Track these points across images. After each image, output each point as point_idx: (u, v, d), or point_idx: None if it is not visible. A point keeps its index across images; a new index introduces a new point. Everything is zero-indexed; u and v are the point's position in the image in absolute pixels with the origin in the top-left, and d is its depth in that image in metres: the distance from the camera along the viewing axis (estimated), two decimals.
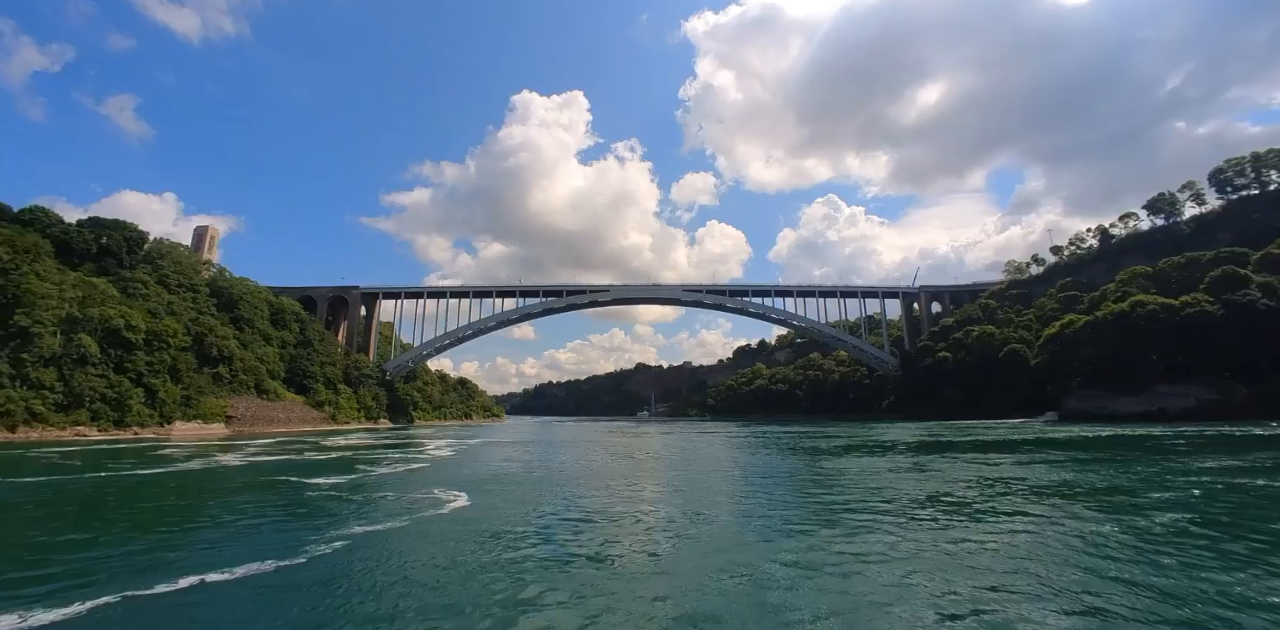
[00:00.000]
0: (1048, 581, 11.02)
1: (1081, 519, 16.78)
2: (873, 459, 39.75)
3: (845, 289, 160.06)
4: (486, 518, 18.90)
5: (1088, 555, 12.94)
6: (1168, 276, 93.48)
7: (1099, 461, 33.68)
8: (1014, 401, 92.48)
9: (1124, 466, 30.71)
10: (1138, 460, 33.33)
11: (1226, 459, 31.20)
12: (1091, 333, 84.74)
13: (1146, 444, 43.21)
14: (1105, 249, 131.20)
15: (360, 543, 15.14)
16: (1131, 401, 73.05)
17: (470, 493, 24.04)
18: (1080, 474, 27.94)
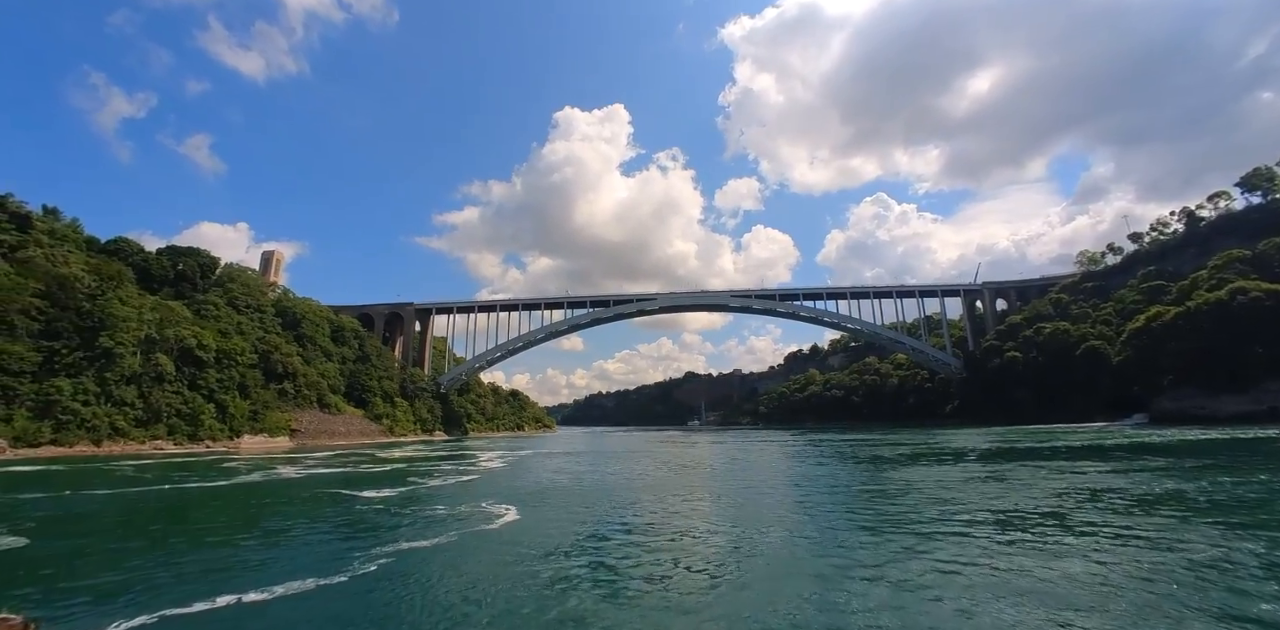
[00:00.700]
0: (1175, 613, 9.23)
1: (1206, 538, 14.38)
2: (944, 468, 36.94)
3: (901, 289, 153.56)
4: (536, 533, 18.00)
5: (1219, 580, 11.00)
6: (1271, 259, 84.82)
7: (1211, 468, 29.96)
8: (1095, 403, 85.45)
9: (1246, 474, 27.00)
10: (1261, 467, 29.41)
11: None
12: (1184, 325, 77.41)
13: (1264, 448, 38.45)
14: (1193, 233, 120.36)
15: (404, 560, 14.50)
16: (1235, 400, 65.80)
17: (520, 506, 23.29)
18: (1192, 483, 24.52)
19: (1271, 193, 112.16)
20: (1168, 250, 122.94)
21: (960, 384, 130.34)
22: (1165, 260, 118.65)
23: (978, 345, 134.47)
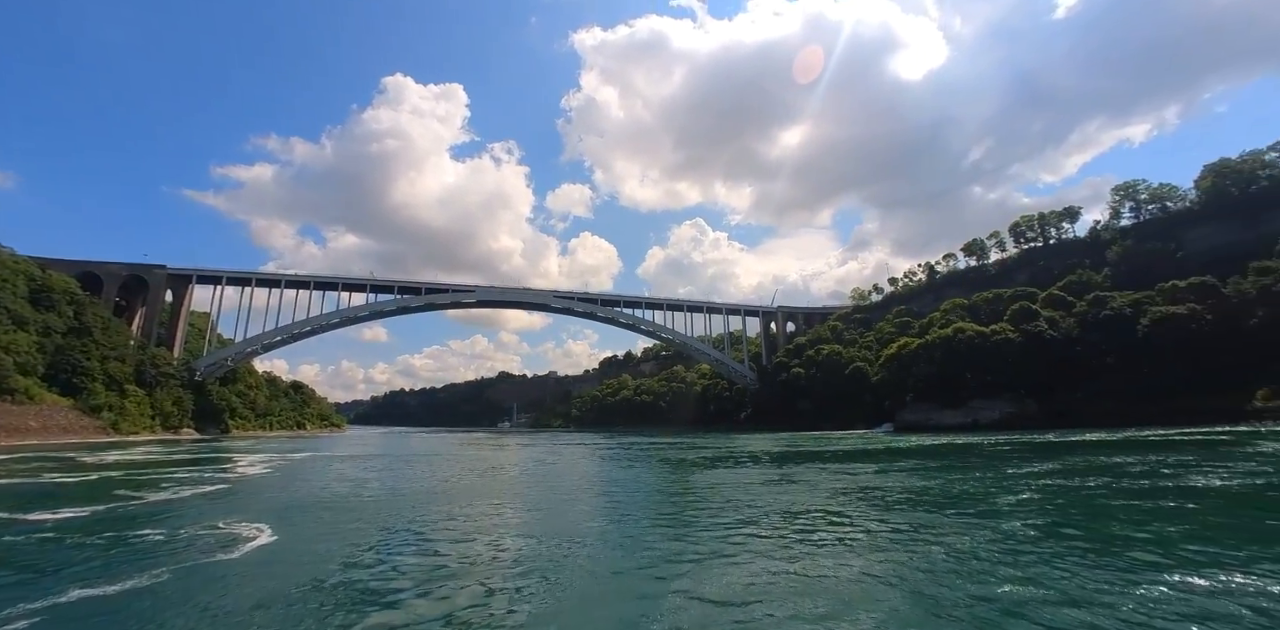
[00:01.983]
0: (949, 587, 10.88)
1: (955, 527, 17.23)
2: (743, 470, 39.33)
3: (711, 305, 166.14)
4: (294, 560, 13.95)
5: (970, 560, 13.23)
6: (980, 308, 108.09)
7: (945, 468, 35.80)
8: (858, 414, 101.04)
9: (967, 472, 32.99)
10: (975, 467, 35.91)
11: (1041, 463, 34.68)
12: (923, 354, 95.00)
13: (974, 451, 47.56)
14: (931, 283, 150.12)
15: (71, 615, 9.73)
16: (953, 414, 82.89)
17: (279, 524, 18.44)
18: (935, 480, 29.38)
19: (982, 258, 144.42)
20: (914, 294, 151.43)
21: (754, 394, 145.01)
22: (912, 301, 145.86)
23: (770, 360, 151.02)
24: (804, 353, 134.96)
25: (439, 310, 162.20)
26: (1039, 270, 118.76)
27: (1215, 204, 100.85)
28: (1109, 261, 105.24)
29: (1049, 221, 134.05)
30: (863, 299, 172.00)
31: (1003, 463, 37.28)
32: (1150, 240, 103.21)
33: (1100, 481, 26.48)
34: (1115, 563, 12.81)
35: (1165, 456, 34.93)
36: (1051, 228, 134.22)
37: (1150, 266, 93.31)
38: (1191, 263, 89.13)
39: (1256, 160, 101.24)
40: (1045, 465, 34.09)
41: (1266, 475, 25.99)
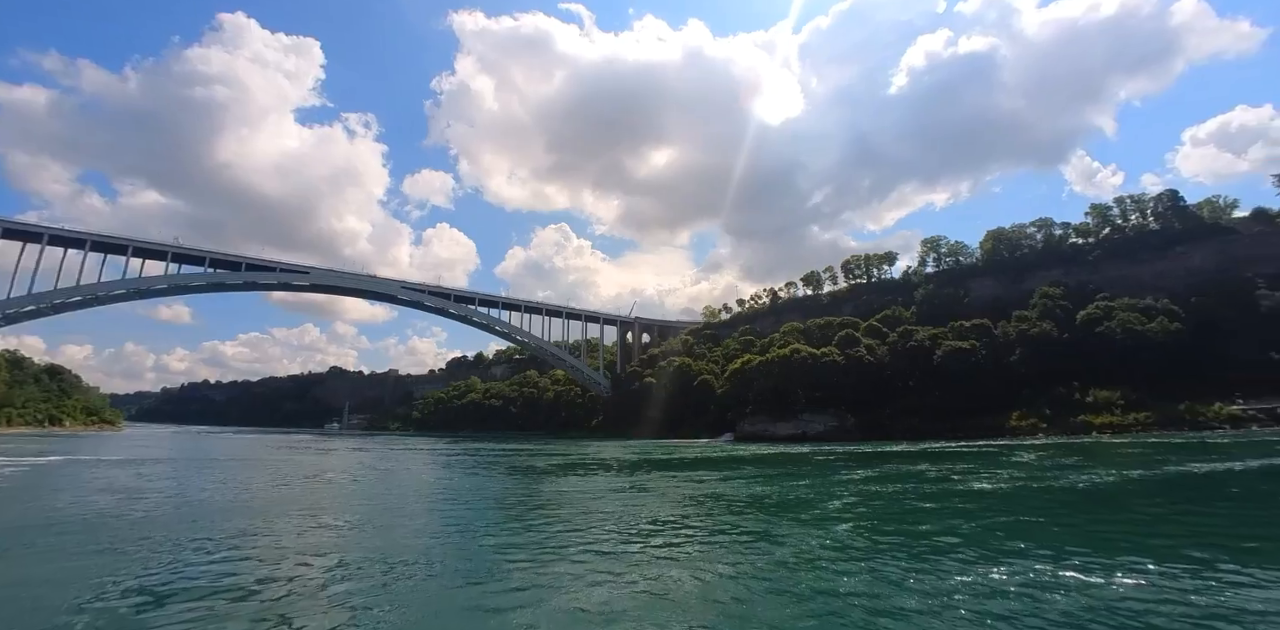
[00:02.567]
0: None
1: (792, 530, 18.74)
2: (595, 478, 38.91)
3: (572, 311, 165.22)
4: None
5: (811, 562, 14.30)
6: (813, 332, 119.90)
7: (782, 476, 38.42)
8: (703, 424, 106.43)
9: (800, 479, 35.89)
10: (807, 474, 39.09)
11: (861, 471, 38.74)
12: (762, 371, 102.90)
13: (805, 460, 51.85)
14: (774, 307, 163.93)
15: None
16: (786, 426, 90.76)
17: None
18: (773, 488, 31.55)
19: (818, 288, 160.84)
20: (758, 315, 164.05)
21: (607, 401, 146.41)
22: (756, 322, 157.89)
23: (624, 369, 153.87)
24: (656, 363, 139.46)
25: (262, 291, 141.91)
26: (862, 303, 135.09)
27: (993, 262, 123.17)
28: (916, 301, 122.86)
29: (873, 263, 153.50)
30: (713, 316, 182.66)
31: (830, 471, 41.06)
32: (946, 286, 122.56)
33: (908, 486, 30.22)
34: (929, 555, 14.87)
35: (954, 465, 40.87)
36: (874, 268, 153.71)
37: (946, 307, 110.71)
38: (974, 307, 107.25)
39: (1021, 232, 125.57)
40: (864, 472, 38.12)
41: (1023, 479, 31.37)
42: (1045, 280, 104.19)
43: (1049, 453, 45.18)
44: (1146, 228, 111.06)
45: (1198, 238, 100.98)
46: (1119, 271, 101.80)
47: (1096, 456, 41.63)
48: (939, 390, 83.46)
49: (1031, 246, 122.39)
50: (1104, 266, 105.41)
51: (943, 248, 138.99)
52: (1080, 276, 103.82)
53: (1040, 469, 36.07)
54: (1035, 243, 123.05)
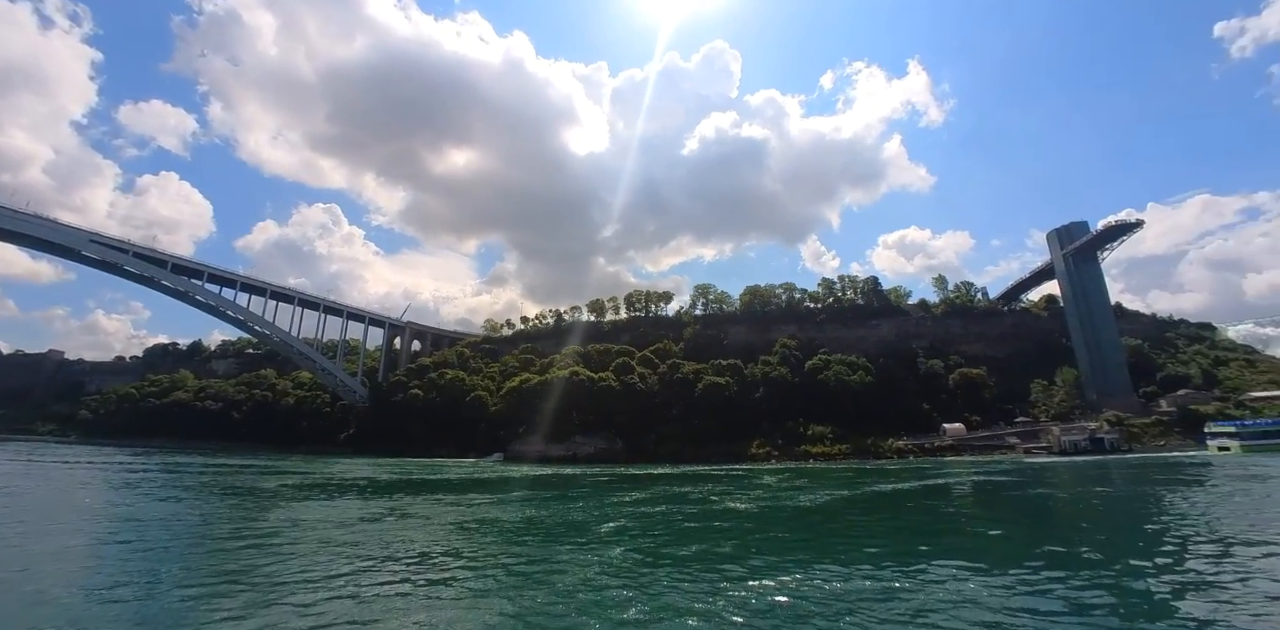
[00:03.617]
0: None
1: (569, 554, 18.86)
2: (343, 502, 33.73)
3: (331, 304, 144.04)
4: None
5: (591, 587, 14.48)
6: (592, 357, 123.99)
7: (558, 498, 37.93)
8: (472, 442, 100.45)
9: (575, 501, 35.94)
10: (582, 496, 39.30)
11: (632, 493, 40.43)
12: (541, 391, 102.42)
13: (577, 481, 52.18)
14: (558, 328, 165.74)
15: None
16: (559, 447, 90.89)
17: None
18: (548, 510, 31.21)
19: (601, 316, 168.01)
20: (541, 335, 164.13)
21: (362, 413, 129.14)
22: (539, 341, 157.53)
23: (387, 378, 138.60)
24: (427, 375, 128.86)
25: None
26: (639, 335, 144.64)
27: (748, 313, 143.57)
28: (685, 337, 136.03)
29: (653, 299, 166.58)
30: (495, 331, 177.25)
31: (603, 492, 41.79)
32: (710, 328, 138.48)
33: (675, 507, 32.24)
34: (703, 573, 16.00)
35: (713, 486, 45.06)
36: (653, 304, 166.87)
37: (708, 347, 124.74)
38: (731, 349, 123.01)
39: (771, 291, 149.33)
40: (636, 494, 39.67)
41: (769, 499, 35.93)
42: (785, 333, 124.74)
43: (784, 476, 52.91)
44: (856, 302, 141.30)
45: (886, 315, 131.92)
46: (836, 333, 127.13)
47: (818, 479, 50.03)
48: (698, 419, 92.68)
49: (777, 304, 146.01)
50: (827, 327, 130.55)
51: (711, 295, 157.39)
52: (810, 333, 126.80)
53: (780, 490, 41.78)
54: (780, 301, 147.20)
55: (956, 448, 75.63)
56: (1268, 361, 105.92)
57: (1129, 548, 20.47)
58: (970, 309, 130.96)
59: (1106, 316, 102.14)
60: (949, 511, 31.94)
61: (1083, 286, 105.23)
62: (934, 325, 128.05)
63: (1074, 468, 51.73)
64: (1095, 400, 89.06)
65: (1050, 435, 69.64)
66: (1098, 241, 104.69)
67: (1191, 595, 13.57)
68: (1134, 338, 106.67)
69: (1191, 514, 25.97)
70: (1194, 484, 35.75)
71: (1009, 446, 72.95)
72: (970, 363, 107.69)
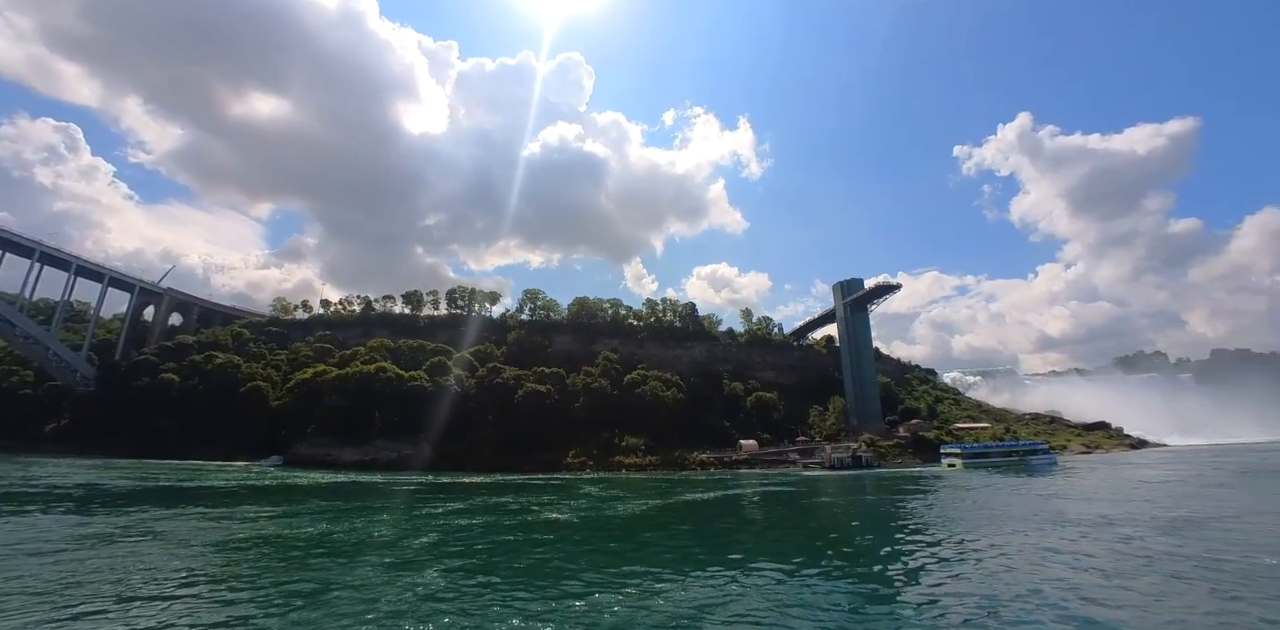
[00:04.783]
0: None
1: (371, 579, 16.91)
2: (50, 519, 26.23)
3: (55, 252, 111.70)
4: None
5: None
6: (403, 354, 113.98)
7: (360, 510, 33.97)
8: (242, 442, 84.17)
9: (379, 513, 32.68)
10: (388, 508, 35.73)
11: (446, 503, 37.90)
12: (339, 386, 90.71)
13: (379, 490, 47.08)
14: (365, 317, 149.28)
15: None
16: (354, 451, 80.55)
17: None
18: (347, 524, 27.97)
19: (418, 309, 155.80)
20: (344, 323, 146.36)
21: (81, 399, 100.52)
22: (340, 330, 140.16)
23: (129, 356, 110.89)
24: (188, 356, 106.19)
25: None
26: (459, 334, 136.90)
27: (575, 323, 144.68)
28: (508, 342, 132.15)
29: (478, 298, 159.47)
30: (286, 312, 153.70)
31: (412, 503, 38.36)
32: (536, 334, 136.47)
33: (495, 519, 30.91)
34: (535, 590, 15.53)
35: (534, 497, 43.95)
36: (478, 304, 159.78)
37: (532, 353, 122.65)
38: (555, 358, 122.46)
39: (599, 304, 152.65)
40: (451, 505, 37.12)
41: (591, 508, 36.15)
42: (608, 346, 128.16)
43: (604, 486, 53.69)
44: (674, 324, 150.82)
45: (699, 339, 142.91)
46: (655, 351, 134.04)
47: (634, 489, 51.69)
48: (516, 426, 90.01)
49: (603, 318, 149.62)
50: (647, 344, 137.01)
51: (540, 301, 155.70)
52: (631, 348, 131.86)
53: (601, 499, 42.31)
54: (606, 315, 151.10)
55: (749, 461, 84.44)
56: (968, 401, 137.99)
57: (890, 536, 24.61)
58: (768, 341, 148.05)
59: (869, 358, 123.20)
60: (757, 517, 35.17)
61: (854, 331, 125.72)
62: (738, 352, 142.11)
63: (840, 480, 60.96)
64: (856, 425, 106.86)
65: (824, 453, 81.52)
66: (869, 296, 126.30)
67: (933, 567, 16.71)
68: (885, 376, 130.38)
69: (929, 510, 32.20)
70: (930, 491, 44.49)
71: (791, 461, 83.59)
72: (765, 387, 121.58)
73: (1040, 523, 26.55)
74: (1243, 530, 23.03)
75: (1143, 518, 26.87)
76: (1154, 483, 42.11)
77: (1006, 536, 23.12)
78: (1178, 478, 44.71)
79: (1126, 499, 33.22)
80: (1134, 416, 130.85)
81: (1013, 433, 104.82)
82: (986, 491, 41.88)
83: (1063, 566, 17.79)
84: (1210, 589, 14.43)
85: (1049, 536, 23.08)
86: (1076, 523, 26.28)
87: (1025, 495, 38.01)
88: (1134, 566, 17.38)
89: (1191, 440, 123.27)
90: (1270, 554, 18.25)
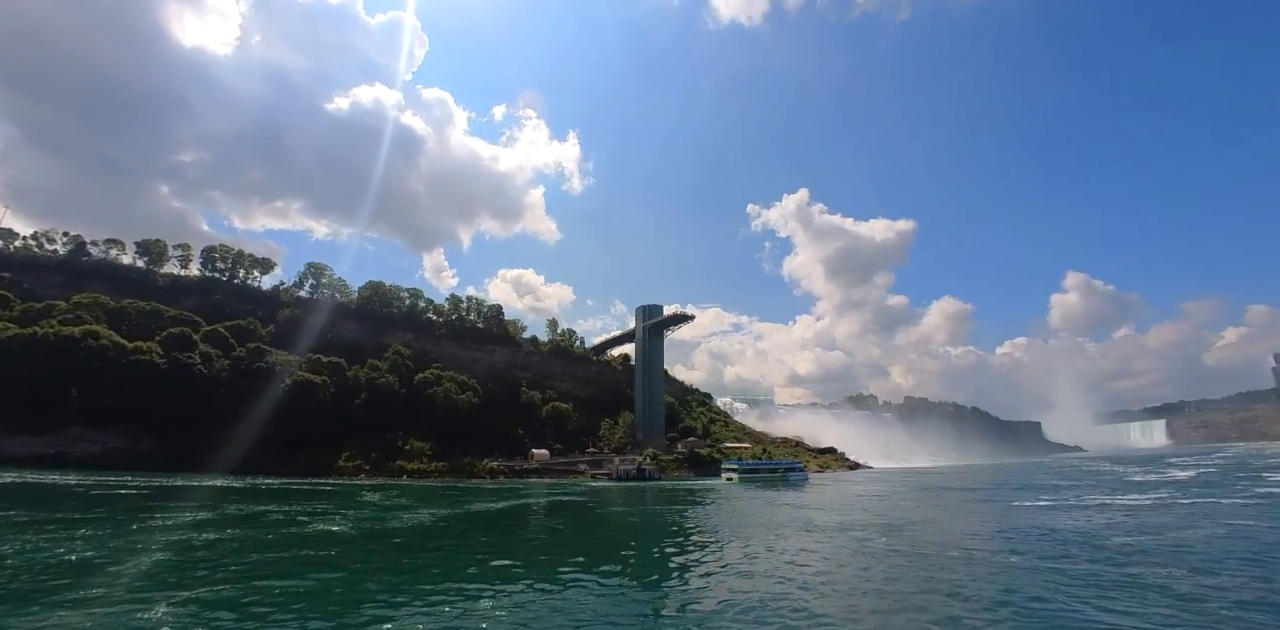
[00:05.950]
0: None
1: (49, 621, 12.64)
2: None
3: None
4: None
5: None
6: (127, 317, 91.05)
7: (37, 524, 26.43)
8: None
9: (73, 527, 25.80)
10: (88, 520, 28.41)
11: (181, 513, 31.46)
12: (20, 349, 68.47)
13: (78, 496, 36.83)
14: (73, 263, 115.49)
15: None
16: (30, 441, 60.09)
17: None
18: (16, 545, 21.12)
19: (157, 264, 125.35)
20: (40, 266, 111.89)
21: None
22: (28, 274, 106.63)
23: None
24: None
25: None
26: (213, 303, 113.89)
27: (365, 310, 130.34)
28: (278, 320, 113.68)
29: (245, 262, 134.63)
30: None
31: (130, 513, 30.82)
32: (316, 316, 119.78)
33: (252, 532, 26.42)
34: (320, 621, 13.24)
35: (303, 505, 38.29)
36: (244, 270, 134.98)
37: (309, 337, 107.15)
38: (337, 345, 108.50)
39: (396, 292, 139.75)
40: (187, 515, 30.93)
41: (375, 519, 33.00)
42: (401, 340, 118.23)
43: (387, 494, 48.94)
44: (477, 325, 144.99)
45: (502, 343, 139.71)
46: (453, 350, 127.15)
47: (422, 498, 48.02)
48: (278, 422, 77.13)
49: (399, 307, 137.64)
50: (445, 343, 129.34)
51: (325, 278, 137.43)
52: (427, 345, 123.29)
53: (386, 509, 38.75)
54: (403, 306, 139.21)
55: (540, 471, 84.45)
56: (735, 424, 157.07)
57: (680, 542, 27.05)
58: (570, 353, 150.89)
59: (660, 378, 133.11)
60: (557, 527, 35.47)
61: (650, 353, 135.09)
62: (539, 360, 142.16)
63: (626, 490, 64.44)
64: (642, 439, 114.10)
65: (612, 464, 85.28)
66: (667, 322, 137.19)
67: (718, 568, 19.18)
68: (670, 396, 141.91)
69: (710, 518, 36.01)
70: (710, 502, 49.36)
71: (580, 472, 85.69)
72: (562, 398, 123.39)
73: (797, 528, 31.57)
74: (930, 531, 30.24)
75: (867, 523, 33.64)
76: (868, 496, 52.81)
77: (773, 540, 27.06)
78: (883, 493, 56.70)
79: (853, 509, 41.15)
80: (853, 444, 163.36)
81: (768, 453, 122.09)
82: (756, 503, 48.22)
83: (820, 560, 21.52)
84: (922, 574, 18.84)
85: (805, 538, 27.59)
86: (823, 528, 31.82)
87: (786, 506, 44.65)
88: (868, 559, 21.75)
89: (889, 464, 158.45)
90: (952, 547, 24.34)
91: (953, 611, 14.07)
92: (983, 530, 29.07)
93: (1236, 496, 40.39)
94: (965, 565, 19.95)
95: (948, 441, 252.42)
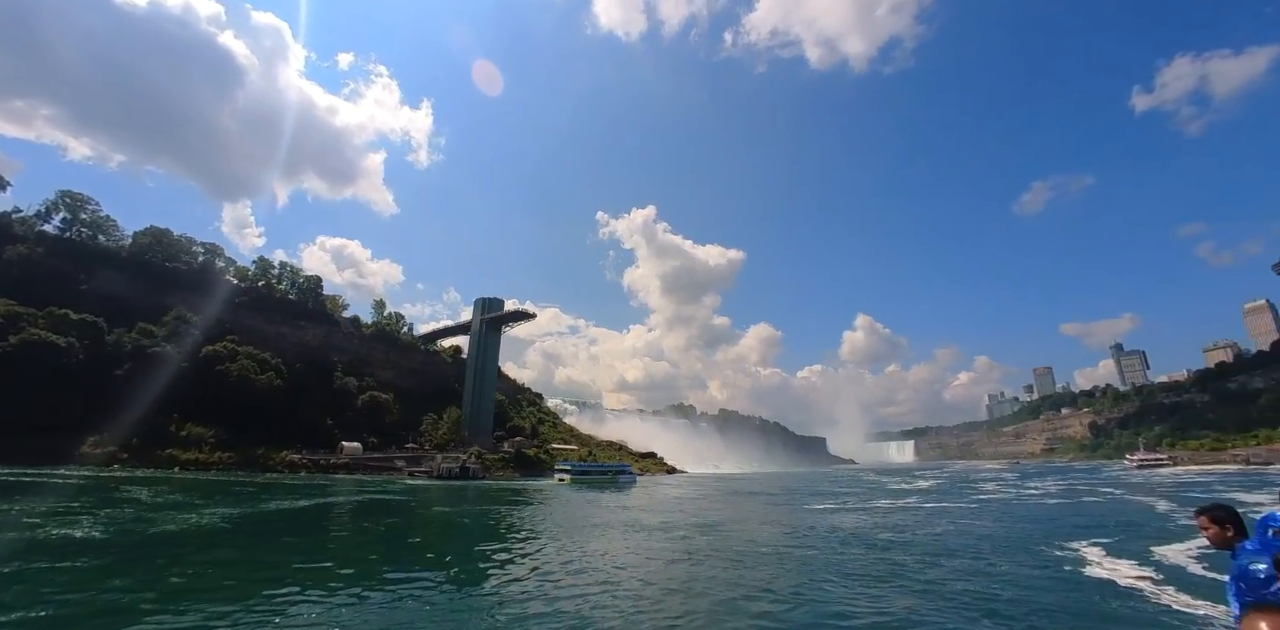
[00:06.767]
0: None
1: None
2: None
3: None
4: None
5: None
6: None
7: None
8: None
9: None
10: None
11: None
12: None
13: None
14: None
15: None
16: None
17: None
18: None
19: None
20: None
21: None
22: None
23: None
24: None
25: None
26: None
27: (140, 261, 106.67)
28: (3, 257, 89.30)
29: None
30: None
31: None
32: (65, 260, 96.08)
33: None
34: None
35: (35, 501, 30.75)
36: None
37: (53, 285, 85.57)
38: (92, 300, 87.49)
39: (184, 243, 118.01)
40: None
41: (142, 521, 27.71)
42: (186, 303, 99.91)
43: (157, 489, 40.88)
44: (288, 297, 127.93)
45: (316, 320, 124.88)
46: (254, 323, 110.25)
47: (207, 494, 40.97)
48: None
49: (189, 262, 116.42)
50: (245, 313, 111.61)
51: (85, 213, 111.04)
52: (222, 313, 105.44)
53: (155, 508, 32.74)
54: (194, 261, 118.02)
55: (350, 466, 76.46)
56: (564, 425, 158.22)
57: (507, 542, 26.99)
58: (396, 339, 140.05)
59: (493, 375, 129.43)
60: (370, 527, 32.82)
61: (485, 348, 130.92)
62: (360, 344, 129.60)
63: (448, 489, 61.52)
64: (468, 437, 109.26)
65: (434, 462, 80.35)
66: (507, 318, 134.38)
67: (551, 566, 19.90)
68: (501, 394, 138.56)
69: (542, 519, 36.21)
70: (540, 503, 49.03)
71: (397, 469, 79.39)
72: (382, 387, 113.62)
73: (624, 528, 33.21)
74: (741, 530, 33.82)
75: (685, 523, 36.49)
76: (686, 499, 56.99)
77: (601, 541, 28.23)
78: (698, 496, 61.58)
79: (673, 510, 44.21)
80: (673, 450, 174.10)
81: (594, 455, 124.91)
82: (585, 503, 49.31)
83: (646, 558, 23.09)
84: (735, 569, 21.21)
85: (631, 538, 29.23)
86: (648, 528, 33.87)
87: (614, 507, 46.34)
88: (692, 556, 23.86)
89: (701, 469, 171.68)
90: (761, 545, 27.62)
91: (764, 600, 16.19)
92: (784, 528, 33.29)
93: (960, 501, 51.21)
94: (774, 559, 22.87)
95: (756, 451, 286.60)
